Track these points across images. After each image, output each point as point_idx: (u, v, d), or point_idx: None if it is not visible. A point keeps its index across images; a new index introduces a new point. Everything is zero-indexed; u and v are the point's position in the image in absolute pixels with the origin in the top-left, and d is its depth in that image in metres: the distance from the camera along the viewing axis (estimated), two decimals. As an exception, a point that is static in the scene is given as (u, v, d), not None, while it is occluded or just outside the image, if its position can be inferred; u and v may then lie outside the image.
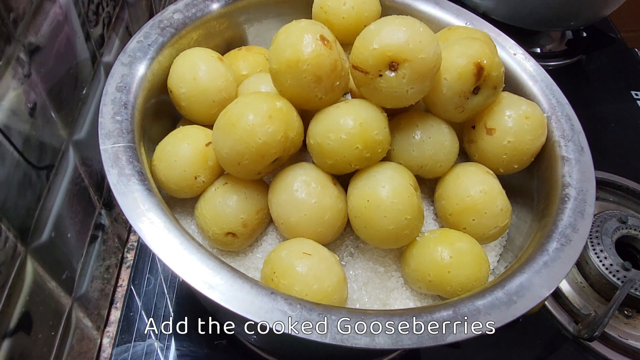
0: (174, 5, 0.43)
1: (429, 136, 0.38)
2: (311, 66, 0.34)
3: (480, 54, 0.36)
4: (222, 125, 0.35)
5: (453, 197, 0.39)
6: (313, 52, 0.34)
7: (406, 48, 0.33)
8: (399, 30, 0.34)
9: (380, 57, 0.34)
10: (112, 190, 0.31)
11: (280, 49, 0.35)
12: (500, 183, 0.39)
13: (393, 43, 0.33)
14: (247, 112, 0.34)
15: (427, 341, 0.28)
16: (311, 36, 0.34)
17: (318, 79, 0.34)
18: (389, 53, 0.33)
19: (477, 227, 0.38)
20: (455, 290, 0.35)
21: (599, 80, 0.84)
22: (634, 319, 0.53)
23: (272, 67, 0.35)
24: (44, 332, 0.36)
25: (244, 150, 0.34)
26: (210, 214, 0.37)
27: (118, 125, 0.34)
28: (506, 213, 0.38)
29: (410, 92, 0.35)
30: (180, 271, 0.29)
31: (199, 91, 0.39)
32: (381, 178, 0.35)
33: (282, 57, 0.34)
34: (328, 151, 0.35)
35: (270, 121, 0.34)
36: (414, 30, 0.34)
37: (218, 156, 0.36)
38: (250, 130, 0.33)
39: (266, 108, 0.34)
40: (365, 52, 0.34)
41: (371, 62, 0.34)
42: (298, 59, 0.34)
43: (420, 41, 0.33)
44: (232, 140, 0.34)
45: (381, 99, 0.36)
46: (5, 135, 0.31)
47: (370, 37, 0.34)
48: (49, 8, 0.36)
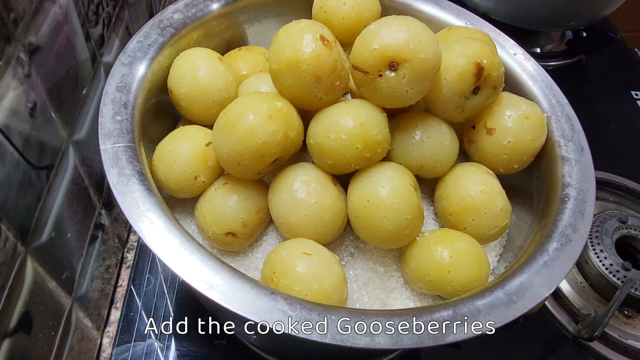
0: (174, 5, 0.43)
1: (429, 136, 0.38)
2: (311, 66, 0.34)
3: (480, 54, 0.36)
4: (222, 125, 0.35)
5: (453, 197, 0.39)
6: (313, 52, 0.34)
7: (406, 48, 0.33)
8: (399, 30, 0.34)
9: (380, 57, 0.34)
10: (112, 190, 0.31)
11: (280, 49, 0.35)
12: (500, 183, 0.39)
13: (393, 43, 0.33)
14: (247, 112, 0.34)
15: (427, 341, 0.28)
16: (311, 36, 0.34)
17: (318, 79, 0.34)
18: (389, 53, 0.33)
19: (477, 227, 0.38)
20: (455, 290, 0.35)
21: (599, 80, 0.84)
22: (634, 319, 0.53)
23: (272, 67, 0.35)
24: (44, 332, 0.36)
25: (244, 150, 0.34)
26: (210, 214, 0.37)
27: (118, 125, 0.34)
28: (506, 213, 0.38)
29: (410, 92, 0.35)
30: (180, 271, 0.29)
31: (199, 91, 0.39)
32: (381, 178, 0.35)
33: (282, 57, 0.34)
34: (328, 151, 0.35)
35: (270, 121, 0.34)
36: (414, 30, 0.34)
37: (218, 156, 0.36)
38: (250, 130, 0.33)
39: (266, 108, 0.34)
40: (365, 52, 0.34)
41: (371, 62, 0.34)
42: (298, 59, 0.34)
43: (420, 41, 0.33)
44: (232, 140, 0.34)
45: (381, 99, 0.36)
46: (5, 135, 0.31)
47: (370, 37, 0.34)
48: (49, 8, 0.36)
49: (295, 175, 0.37)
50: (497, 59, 0.37)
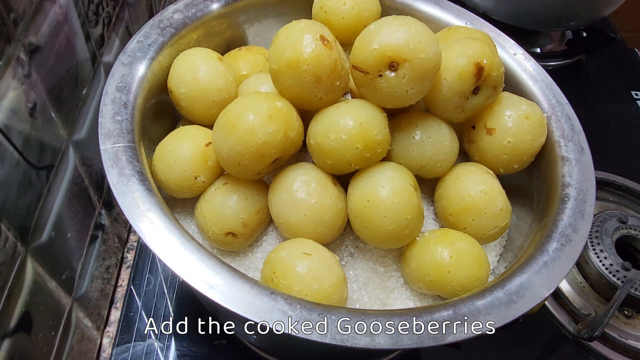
0: (174, 5, 0.43)
1: (429, 136, 0.38)
2: (311, 66, 0.34)
3: (481, 54, 0.36)
4: (222, 125, 0.35)
5: (453, 197, 0.39)
6: (313, 52, 0.34)
7: (406, 48, 0.33)
8: (399, 30, 0.34)
9: (380, 57, 0.34)
10: (112, 190, 0.31)
11: (280, 49, 0.34)
12: (500, 183, 0.39)
13: (393, 43, 0.33)
14: (247, 112, 0.34)
15: (427, 341, 0.28)
16: (311, 36, 0.34)
17: (318, 79, 0.34)
18: (389, 53, 0.33)
19: (477, 227, 0.38)
20: (455, 290, 0.35)
21: (599, 80, 0.84)
22: (634, 319, 0.53)
23: (272, 67, 0.35)
24: (44, 332, 0.36)
25: (244, 150, 0.34)
26: (210, 214, 0.37)
27: (118, 125, 0.34)
28: (506, 213, 0.38)
29: (410, 92, 0.35)
30: (180, 271, 0.29)
31: (199, 91, 0.39)
32: (381, 178, 0.35)
33: (282, 57, 0.34)
34: (328, 151, 0.35)
35: (270, 121, 0.34)
36: (414, 31, 0.34)
37: (218, 156, 0.36)
38: (250, 130, 0.33)
39: (266, 108, 0.34)
40: (365, 52, 0.34)
41: (371, 62, 0.34)
42: (298, 59, 0.34)
43: (420, 41, 0.33)
44: (233, 140, 0.34)
45: (381, 99, 0.36)
46: (5, 135, 0.31)
47: (370, 37, 0.34)
48: (49, 8, 0.36)
49: (295, 175, 0.37)
50: (497, 59, 0.37)
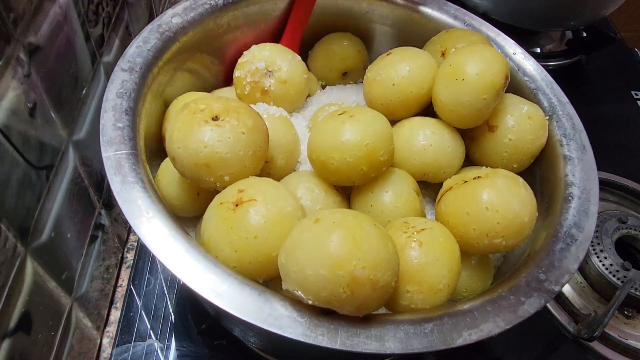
0: (173, 9, 0.42)
1: (430, 144, 0.38)
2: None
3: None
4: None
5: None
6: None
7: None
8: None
9: None
10: (115, 197, 0.30)
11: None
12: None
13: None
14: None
15: (438, 345, 0.28)
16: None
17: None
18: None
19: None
20: (460, 292, 0.35)
21: (599, 80, 0.84)
22: (634, 319, 0.53)
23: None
24: (43, 332, 0.36)
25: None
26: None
27: (120, 132, 0.33)
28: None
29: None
30: (189, 281, 0.28)
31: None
32: (384, 183, 0.35)
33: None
34: (333, 171, 0.35)
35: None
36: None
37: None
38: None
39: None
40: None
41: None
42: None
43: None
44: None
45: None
46: (5, 135, 0.31)
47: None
48: (49, 8, 0.36)
49: (298, 183, 0.36)
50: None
